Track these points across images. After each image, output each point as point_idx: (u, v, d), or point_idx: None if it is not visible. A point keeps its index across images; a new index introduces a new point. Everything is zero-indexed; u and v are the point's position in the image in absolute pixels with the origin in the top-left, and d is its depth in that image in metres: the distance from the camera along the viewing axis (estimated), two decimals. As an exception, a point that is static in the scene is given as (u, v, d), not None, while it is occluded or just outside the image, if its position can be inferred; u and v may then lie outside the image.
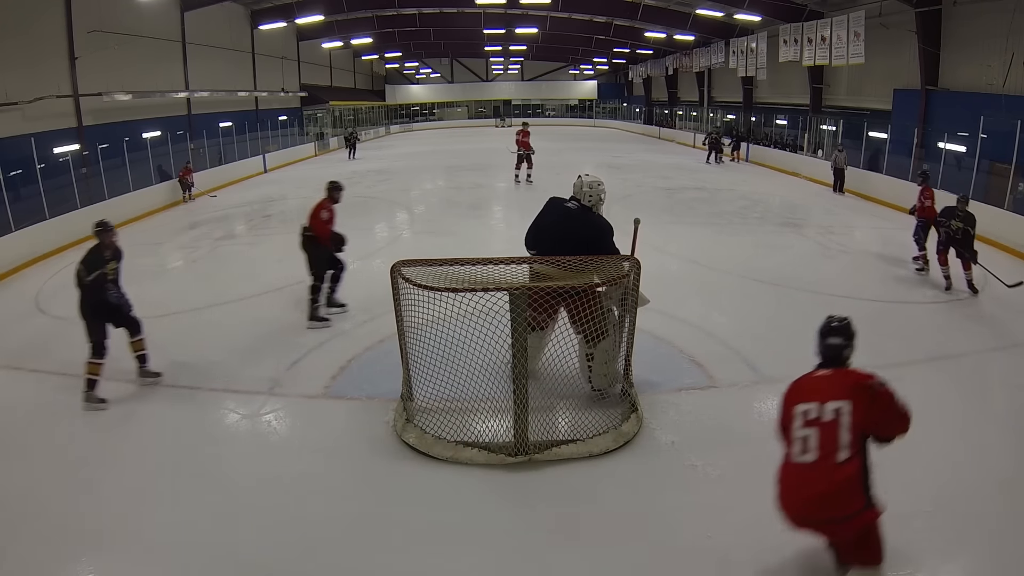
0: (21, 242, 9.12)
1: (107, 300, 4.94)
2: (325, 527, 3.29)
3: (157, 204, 13.50)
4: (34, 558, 3.10)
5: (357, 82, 36.30)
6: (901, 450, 3.85)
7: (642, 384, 4.56)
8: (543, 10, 23.99)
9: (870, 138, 14.52)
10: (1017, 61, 11.14)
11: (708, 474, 3.68)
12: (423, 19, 26.32)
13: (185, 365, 5.26)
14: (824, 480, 2.40)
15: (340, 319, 6.28)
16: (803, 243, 9.29)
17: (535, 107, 43.00)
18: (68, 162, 11.10)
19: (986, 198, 9.89)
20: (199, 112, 19.02)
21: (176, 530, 3.27)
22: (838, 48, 15.26)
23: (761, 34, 19.66)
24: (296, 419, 4.45)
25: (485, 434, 3.95)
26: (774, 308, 6.42)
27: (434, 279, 3.80)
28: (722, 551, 3.07)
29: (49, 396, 4.88)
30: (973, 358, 5.27)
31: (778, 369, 4.96)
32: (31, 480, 3.74)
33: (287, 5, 21.45)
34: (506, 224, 10.65)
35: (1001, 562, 3.00)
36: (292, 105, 26.49)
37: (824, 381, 2.59)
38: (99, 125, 14.27)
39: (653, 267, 7.05)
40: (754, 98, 23.38)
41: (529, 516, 3.39)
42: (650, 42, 26.09)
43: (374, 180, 16.58)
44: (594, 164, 18.48)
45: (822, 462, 2.41)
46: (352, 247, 5.99)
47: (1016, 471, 3.67)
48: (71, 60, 13.52)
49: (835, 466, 2.39)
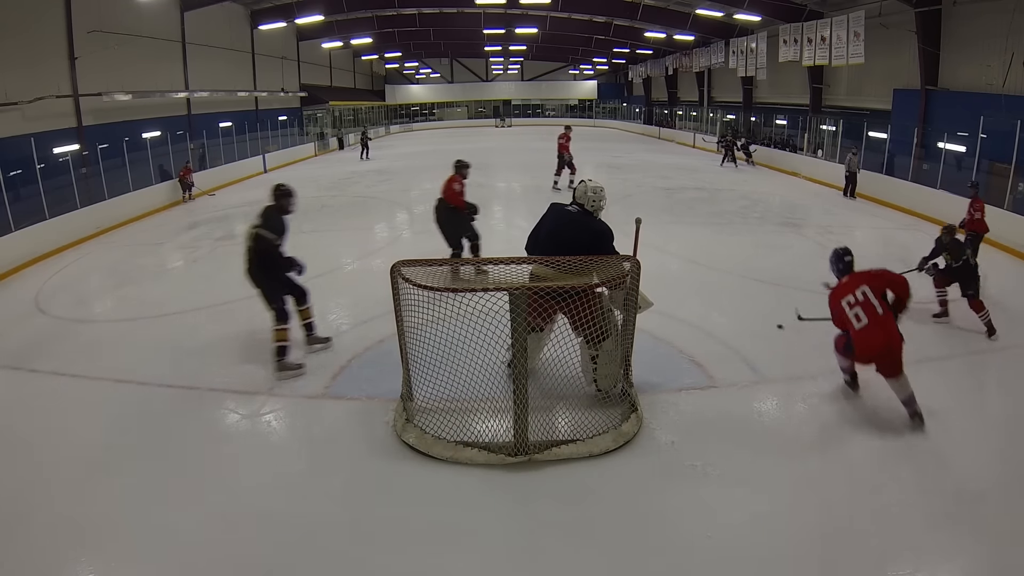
0: (21, 242, 9.12)
1: (283, 264, 5.00)
2: (325, 527, 3.29)
3: (158, 204, 13.52)
4: (34, 558, 3.10)
5: (357, 82, 36.31)
6: (901, 450, 3.88)
7: (642, 384, 4.56)
8: (543, 10, 23.99)
9: (870, 138, 14.53)
10: (1017, 61, 11.14)
11: (708, 474, 3.68)
12: (423, 19, 26.32)
13: (185, 365, 5.25)
14: (882, 332, 4.06)
15: (340, 319, 6.29)
16: (803, 243, 9.30)
17: (535, 107, 43.03)
18: (68, 162, 11.10)
19: (986, 198, 9.87)
20: (199, 112, 19.02)
21: (176, 530, 3.27)
22: (838, 48, 15.26)
23: (761, 34, 19.67)
24: (296, 419, 4.45)
25: (485, 434, 3.95)
26: (774, 308, 6.40)
27: (434, 279, 3.80)
28: (722, 551, 3.07)
29: (49, 396, 4.88)
30: (971, 358, 5.28)
31: (778, 369, 4.99)
32: (31, 480, 3.74)
33: (287, 5, 21.45)
34: (506, 224, 10.65)
35: (1001, 562, 3.00)
36: (292, 105, 26.49)
37: (850, 281, 4.28)
38: (99, 125, 14.27)
39: (653, 267, 7.05)
40: (754, 98, 23.39)
41: (529, 516, 3.39)
42: (650, 42, 26.09)
43: (374, 180, 16.58)
44: (594, 164, 18.47)
45: (873, 323, 4.08)
46: (352, 247, 6.03)
47: (1016, 471, 3.67)
48: (71, 60, 13.52)
49: (882, 320, 4.07)
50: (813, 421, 4.38)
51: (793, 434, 4.16)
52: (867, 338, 4.08)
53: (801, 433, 4.18)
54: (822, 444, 4.02)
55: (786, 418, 4.44)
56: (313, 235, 10.08)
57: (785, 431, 4.20)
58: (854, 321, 4.12)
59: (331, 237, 9.91)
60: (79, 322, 6.63)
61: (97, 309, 7.27)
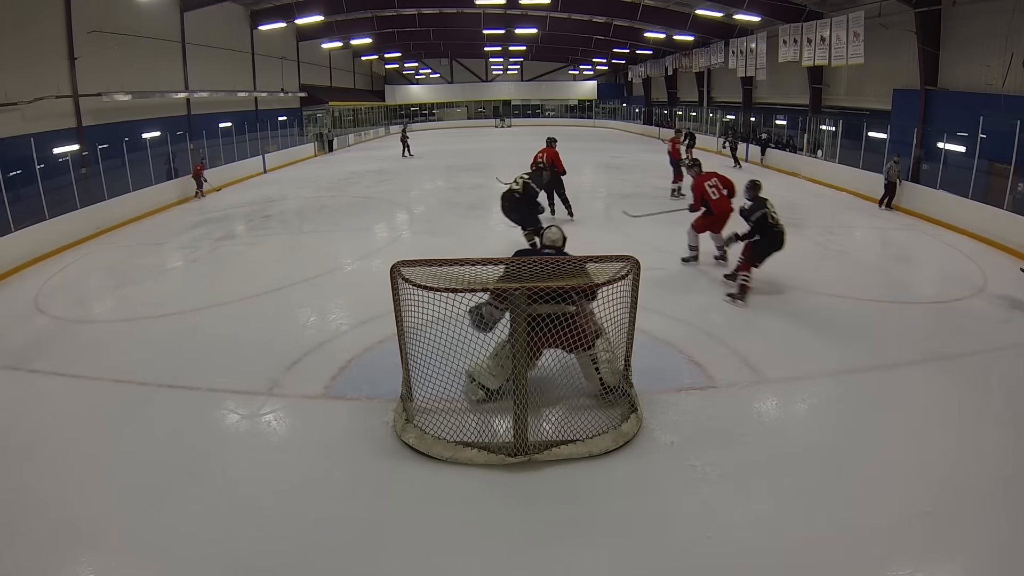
0: (21, 242, 9.12)
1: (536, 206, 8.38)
2: (325, 527, 3.29)
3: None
4: (34, 558, 3.10)
5: (357, 82, 36.30)
6: (901, 450, 3.88)
7: (642, 384, 4.55)
8: (543, 10, 23.97)
9: (870, 138, 14.52)
10: (1016, 61, 11.13)
11: (708, 474, 3.68)
12: (423, 19, 26.31)
13: (185, 365, 5.25)
14: (727, 204, 7.41)
15: (340, 319, 6.30)
16: (803, 243, 9.29)
17: (535, 107, 43.03)
18: (68, 162, 11.10)
19: (986, 198, 9.90)
20: (199, 112, 19.01)
21: (176, 530, 3.27)
22: (837, 48, 15.25)
23: (761, 34, 19.67)
24: (296, 419, 4.44)
25: (485, 434, 3.95)
26: (774, 308, 6.42)
27: (434, 279, 3.80)
28: (722, 551, 3.07)
29: (49, 396, 4.88)
30: (973, 358, 5.27)
31: (778, 369, 4.99)
32: (31, 480, 3.74)
33: (287, 5, 21.44)
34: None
35: (1001, 562, 3.00)
36: (292, 105, 26.49)
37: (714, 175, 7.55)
38: (99, 125, 14.26)
39: (653, 267, 7.08)
40: (753, 98, 23.38)
41: (529, 516, 3.39)
42: (649, 42, 26.09)
43: (374, 180, 16.58)
44: (594, 164, 18.48)
45: (722, 198, 7.39)
46: (352, 247, 6.06)
47: (1016, 471, 3.67)
48: (71, 60, 13.51)
49: (726, 198, 7.42)
50: (813, 421, 4.38)
51: (793, 434, 4.16)
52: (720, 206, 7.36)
53: (801, 433, 4.18)
54: (822, 444, 4.01)
55: (786, 418, 4.44)
56: (313, 235, 10.10)
57: (785, 431, 4.20)
58: (714, 195, 7.34)
59: (331, 237, 9.92)
60: (79, 322, 6.63)
61: (97, 309, 7.27)
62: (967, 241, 9.33)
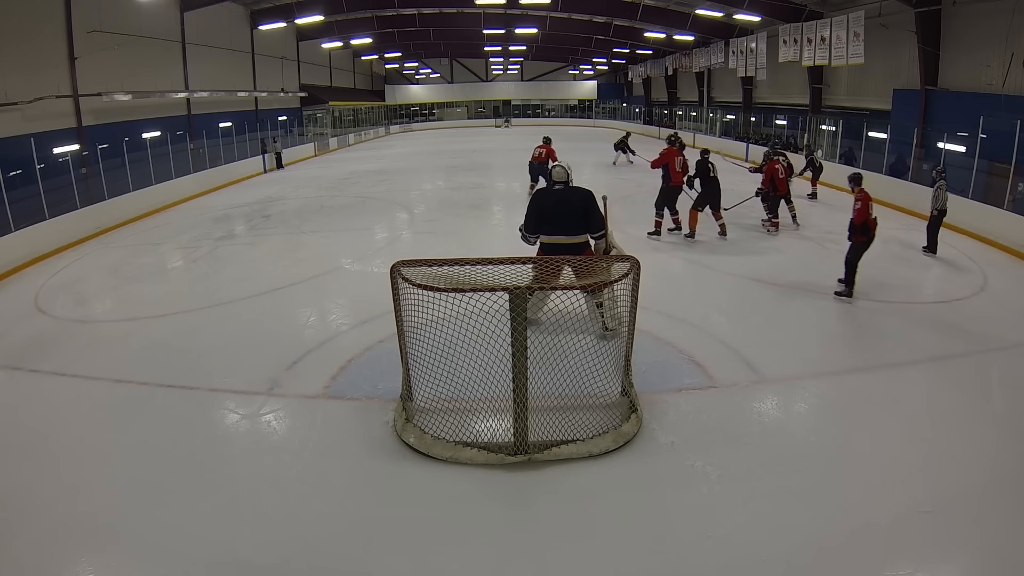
0: (21, 242, 9.12)
1: None
2: (325, 527, 3.29)
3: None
4: (34, 558, 3.10)
5: (357, 82, 36.31)
6: (901, 450, 3.88)
7: (642, 384, 4.56)
8: (543, 10, 23.99)
9: (870, 138, 14.51)
10: (1016, 61, 11.14)
11: (708, 474, 3.68)
12: (423, 19, 26.32)
13: (185, 365, 5.25)
14: None
15: (339, 319, 6.30)
16: (803, 243, 9.29)
17: (535, 107, 43.02)
18: (68, 162, 11.09)
19: (985, 198, 9.89)
20: (199, 112, 19.03)
21: (176, 530, 3.27)
22: (838, 48, 15.26)
23: (761, 34, 19.67)
24: (296, 419, 4.45)
25: (485, 434, 3.95)
26: (774, 308, 6.42)
27: (434, 279, 3.80)
28: (722, 551, 3.07)
29: (49, 396, 4.88)
30: (973, 358, 5.27)
31: (778, 369, 4.99)
32: (31, 480, 3.74)
33: (287, 5, 21.45)
34: (506, 224, 10.64)
35: (1001, 562, 3.00)
36: (292, 105, 26.50)
37: None
38: (99, 125, 14.28)
39: (654, 267, 7.07)
40: (754, 98, 23.39)
41: (529, 516, 3.40)
42: (650, 42, 26.09)
43: (374, 180, 16.58)
44: (593, 164, 18.47)
45: None
46: (352, 247, 6.07)
47: (1016, 471, 3.67)
48: (71, 60, 13.53)
49: None
50: (813, 421, 4.38)
51: (793, 434, 4.16)
52: None
53: (801, 433, 4.18)
54: (822, 444, 4.02)
55: (786, 418, 4.44)
56: (313, 235, 10.09)
57: (785, 431, 4.20)
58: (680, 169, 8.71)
59: (331, 237, 9.91)
60: (79, 322, 6.63)
61: (97, 309, 7.27)
62: (967, 241, 9.32)
